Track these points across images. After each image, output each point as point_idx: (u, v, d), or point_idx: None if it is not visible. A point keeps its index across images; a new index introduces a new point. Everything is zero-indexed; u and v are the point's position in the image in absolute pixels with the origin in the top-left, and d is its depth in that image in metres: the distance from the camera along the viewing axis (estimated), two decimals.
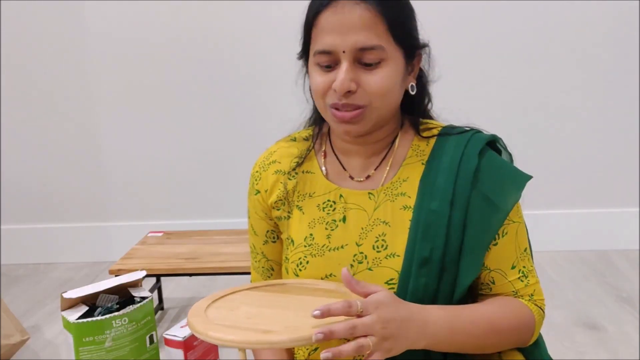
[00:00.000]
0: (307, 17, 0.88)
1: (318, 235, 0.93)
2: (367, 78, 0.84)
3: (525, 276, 0.90)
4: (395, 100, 0.89)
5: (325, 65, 0.85)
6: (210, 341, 0.73)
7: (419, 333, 0.77)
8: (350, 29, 0.82)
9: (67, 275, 2.96)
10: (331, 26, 0.83)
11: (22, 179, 3.09)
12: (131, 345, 0.99)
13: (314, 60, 0.87)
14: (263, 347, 0.72)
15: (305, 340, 0.71)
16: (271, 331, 0.72)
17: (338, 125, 0.88)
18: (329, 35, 0.83)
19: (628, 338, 2.04)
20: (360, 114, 0.85)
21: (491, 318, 0.85)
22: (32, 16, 2.92)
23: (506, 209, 0.88)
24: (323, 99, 0.87)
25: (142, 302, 1.01)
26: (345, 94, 0.84)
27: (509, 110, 2.84)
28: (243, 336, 0.72)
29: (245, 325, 0.75)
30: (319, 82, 0.87)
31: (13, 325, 1.96)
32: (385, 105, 0.87)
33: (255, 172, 1.02)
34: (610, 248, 2.87)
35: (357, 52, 0.83)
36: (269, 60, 2.85)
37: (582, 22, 2.76)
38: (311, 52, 0.88)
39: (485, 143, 0.91)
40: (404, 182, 0.92)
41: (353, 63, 0.84)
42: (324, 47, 0.84)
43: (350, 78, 0.83)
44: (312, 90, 0.90)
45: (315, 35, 0.86)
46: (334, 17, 0.83)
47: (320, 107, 0.90)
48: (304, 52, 0.92)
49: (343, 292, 0.85)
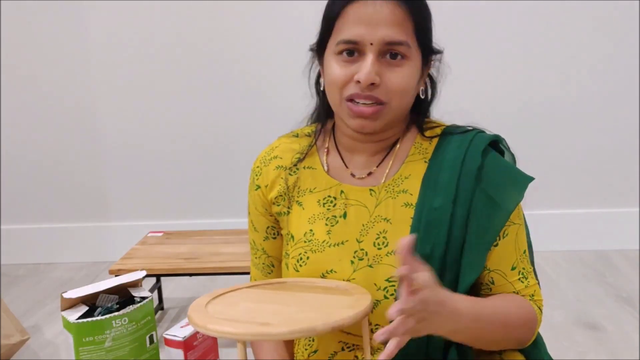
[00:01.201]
0: (333, 7, 0.88)
1: (318, 231, 0.93)
2: (390, 74, 0.85)
3: (525, 277, 0.90)
4: (409, 101, 0.90)
5: (348, 52, 0.85)
6: (209, 334, 0.73)
7: (447, 319, 0.76)
8: (380, 22, 0.83)
9: (67, 275, 2.96)
10: (361, 18, 0.84)
11: (22, 179, 3.09)
12: (131, 345, 0.99)
13: (335, 50, 0.87)
14: (261, 339, 0.72)
15: (305, 332, 0.71)
16: (270, 324, 0.72)
17: (352, 120, 0.88)
18: (357, 26, 0.84)
19: (628, 338, 2.04)
20: (380, 110, 0.86)
21: (504, 311, 0.85)
22: (32, 16, 2.91)
23: (508, 209, 0.88)
24: (340, 90, 0.87)
25: (142, 302, 1.01)
26: (369, 86, 0.84)
27: (509, 110, 2.84)
28: (241, 328, 0.72)
29: (244, 319, 0.75)
30: (338, 74, 0.86)
31: (13, 325, 1.96)
32: (402, 105, 0.88)
33: (257, 167, 1.02)
34: (610, 248, 2.87)
35: (383, 45, 0.84)
36: (271, 61, 2.84)
37: (582, 22, 2.76)
38: (331, 43, 0.88)
39: (488, 143, 0.91)
40: (406, 180, 0.92)
41: (377, 57, 0.84)
42: (351, 36, 0.84)
43: (375, 71, 0.84)
44: (329, 81, 0.89)
45: (340, 26, 0.86)
46: (365, 8, 0.84)
47: (335, 100, 0.89)
48: (320, 44, 0.91)
49: (343, 289, 0.85)
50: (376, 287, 0.87)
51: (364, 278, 0.88)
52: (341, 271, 0.90)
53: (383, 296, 0.87)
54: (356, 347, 0.92)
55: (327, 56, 0.89)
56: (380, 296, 0.87)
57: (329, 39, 0.89)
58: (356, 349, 0.92)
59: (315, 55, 0.95)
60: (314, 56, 0.95)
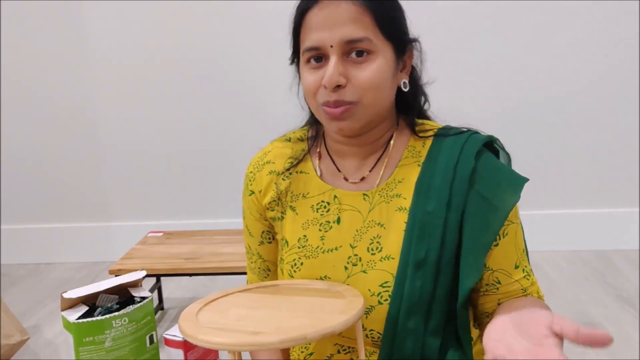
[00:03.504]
0: (295, 18, 0.88)
1: (312, 237, 0.92)
2: (356, 73, 0.83)
3: (529, 275, 0.90)
4: (386, 96, 0.88)
5: (315, 59, 0.85)
6: (200, 344, 0.72)
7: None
8: (337, 23, 0.82)
9: (67, 275, 2.96)
10: (318, 22, 0.83)
11: (22, 179, 3.09)
12: (131, 345, 0.98)
13: (304, 59, 0.87)
14: (253, 349, 0.71)
15: (296, 340, 0.70)
16: (261, 332, 0.71)
17: (330, 123, 0.87)
18: (317, 32, 0.84)
19: (628, 338, 2.04)
20: (350, 109, 0.84)
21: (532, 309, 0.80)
22: (32, 17, 2.92)
23: (505, 210, 0.87)
24: (315, 98, 0.87)
25: (142, 302, 1.00)
26: (335, 89, 0.83)
27: (509, 110, 2.84)
28: (232, 338, 0.71)
29: (235, 328, 0.74)
30: (309, 81, 0.86)
31: (13, 325, 1.96)
32: (376, 101, 0.86)
33: (250, 172, 1.01)
34: (610, 248, 2.87)
35: (344, 45, 0.83)
36: (267, 61, 2.84)
37: (581, 21, 2.76)
38: (301, 53, 0.88)
39: (482, 144, 0.90)
40: (399, 184, 0.91)
41: (341, 58, 0.83)
42: (312, 43, 0.84)
43: (339, 72, 0.83)
44: (304, 90, 0.89)
45: (303, 34, 0.86)
46: (320, 12, 0.83)
47: (313, 107, 0.89)
48: (295, 55, 0.92)
49: (335, 292, 0.85)
50: (370, 292, 0.86)
51: (358, 284, 0.87)
52: (335, 277, 0.89)
53: (377, 302, 0.86)
54: (352, 350, 0.92)
55: (301, 66, 0.89)
56: (374, 302, 0.86)
57: (299, 49, 0.89)
58: (352, 351, 0.92)
59: (295, 67, 0.95)
60: (295, 69, 0.95)
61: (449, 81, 2.22)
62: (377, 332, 0.87)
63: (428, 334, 0.85)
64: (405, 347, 0.85)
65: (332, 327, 0.72)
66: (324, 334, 0.72)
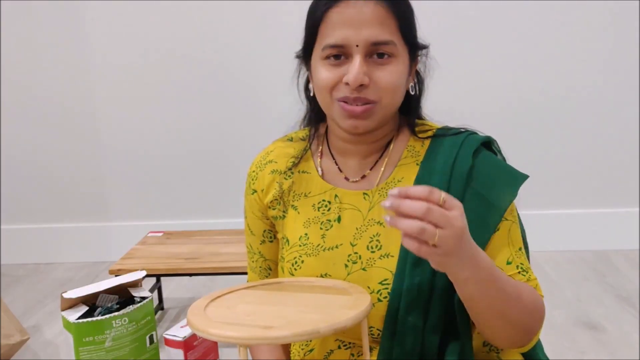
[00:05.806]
0: (315, 14, 0.88)
1: (313, 235, 0.93)
2: (378, 73, 0.85)
3: (525, 271, 0.89)
4: (399, 98, 0.90)
5: (334, 56, 0.85)
6: (212, 338, 0.73)
7: (470, 261, 0.73)
8: (364, 23, 0.83)
9: (67, 275, 2.96)
10: (344, 20, 0.84)
11: (22, 179, 3.09)
12: (131, 345, 0.99)
13: (322, 55, 0.87)
14: (264, 342, 0.71)
15: (309, 334, 0.71)
16: (272, 327, 0.72)
17: (345, 120, 0.88)
18: (341, 29, 0.84)
19: (628, 338, 2.04)
20: (371, 109, 0.86)
21: (519, 286, 0.82)
22: (32, 17, 2.91)
23: (501, 206, 0.88)
24: (330, 94, 0.87)
25: (142, 302, 1.01)
26: (358, 87, 0.84)
27: (509, 110, 2.84)
28: (244, 332, 0.71)
29: (245, 322, 0.75)
30: (326, 77, 0.87)
31: (13, 325, 1.96)
32: (393, 102, 0.89)
33: (252, 171, 1.02)
34: (610, 248, 2.86)
35: (369, 46, 0.84)
36: (268, 60, 2.84)
37: (581, 21, 2.76)
38: (317, 48, 0.88)
39: (479, 144, 0.91)
40: (399, 183, 0.92)
41: (364, 58, 0.84)
42: (336, 40, 0.85)
43: (364, 72, 0.84)
44: (318, 86, 0.89)
45: (323, 30, 0.86)
46: (347, 11, 0.84)
47: (326, 103, 0.89)
48: (306, 51, 0.92)
49: (341, 289, 0.85)
50: (370, 290, 0.88)
51: (358, 281, 0.88)
52: (335, 275, 0.91)
53: (377, 299, 0.87)
54: (352, 346, 0.92)
55: (314, 62, 0.89)
56: (374, 299, 0.87)
57: (314, 44, 0.89)
58: (352, 347, 0.92)
59: (302, 62, 0.95)
60: (300, 63, 0.96)
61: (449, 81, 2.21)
62: (376, 329, 0.89)
63: (427, 331, 0.86)
64: (405, 343, 0.86)
65: (344, 322, 0.73)
66: (336, 329, 0.72)
